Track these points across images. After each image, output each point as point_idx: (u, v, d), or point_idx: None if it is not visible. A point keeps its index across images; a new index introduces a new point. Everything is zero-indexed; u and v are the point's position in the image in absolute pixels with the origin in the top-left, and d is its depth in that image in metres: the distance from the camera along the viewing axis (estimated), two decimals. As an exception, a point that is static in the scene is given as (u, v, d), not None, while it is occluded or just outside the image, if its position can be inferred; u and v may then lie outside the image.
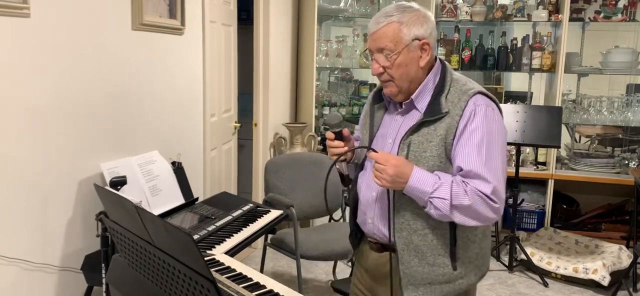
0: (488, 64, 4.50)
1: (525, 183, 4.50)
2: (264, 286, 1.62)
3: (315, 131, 4.28)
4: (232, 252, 2.13)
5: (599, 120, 4.35)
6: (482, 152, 1.52)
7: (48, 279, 2.22)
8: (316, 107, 4.34)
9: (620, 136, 4.61)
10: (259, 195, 3.99)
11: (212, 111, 3.38)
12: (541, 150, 4.49)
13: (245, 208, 2.62)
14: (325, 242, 3.04)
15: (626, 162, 4.40)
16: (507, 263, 3.96)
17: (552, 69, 4.38)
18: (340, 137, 1.70)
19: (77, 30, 2.25)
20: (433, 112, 1.58)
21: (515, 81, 5.36)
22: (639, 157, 4.45)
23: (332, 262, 3.71)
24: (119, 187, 2.26)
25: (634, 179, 3.89)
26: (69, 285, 2.31)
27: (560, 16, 4.24)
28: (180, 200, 2.59)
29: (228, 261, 1.85)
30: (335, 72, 4.90)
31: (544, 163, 4.49)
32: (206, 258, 1.86)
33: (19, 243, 2.07)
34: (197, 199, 2.69)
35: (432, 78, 1.63)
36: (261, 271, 3.20)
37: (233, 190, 3.90)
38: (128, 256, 1.45)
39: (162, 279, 1.29)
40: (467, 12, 4.53)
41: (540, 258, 3.85)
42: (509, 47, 4.50)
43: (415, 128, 1.59)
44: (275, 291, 1.59)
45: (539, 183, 4.51)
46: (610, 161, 4.38)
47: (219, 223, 2.37)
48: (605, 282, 3.53)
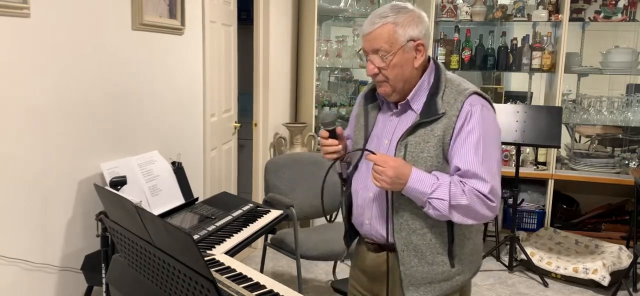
0: (488, 64, 4.50)
1: (525, 183, 4.50)
2: (264, 286, 1.62)
3: (315, 131, 4.28)
4: (232, 252, 2.13)
5: (599, 120, 4.35)
6: (479, 152, 1.54)
7: (48, 279, 2.22)
8: (316, 107, 4.34)
9: (620, 136, 4.61)
10: (259, 195, 3.99)
11: (212, 111, 3.38)
12: (541, 150, 4.49)
13: (245, 208, 2.62)
14: (325, 242, 3.04)
15: (626, 162, 4.40)
16: (507, 263, 3.96)
17: (552, 69, 4.38)
18: (334, 135, 1.70)
19: (77, 30, 2.25)
20: (430, 112, 1.58)
21: (515, 81, 5.35)
22: (639, 157, 4.45)
23: (332, 262, 3.71)
24: (119, 187, 2.26)
25: (634, 179, 3.89)
26: (69, 285, 2.31)
27: (560, 16, 4.24)
28: (180, 200, 2.59)
29: (228, 261, 1.85)
30: (335, 72, 4.90)
31: (544, 163, 4.49)
32: (206, 258, 1.86)
33: (19, 243, 2.07)
34: (197, 199, 2.69)
35: (426, 79, 1.64)
36: (261, 271, 3.20)
37: (233, 190, 3.90)
38: (128, 256, 1.45)
39: (162, 279, 1.29)
40: (467, 12, 4.53)
41: (540, 258, 3.85)
42: (509, 47, 4.50)
43: (412, 129, 1.59)
44: (275, 291, 1.59)
45: (539, 183, 4.51)
46: (610, 161, 4.38)
47: (219, 223, 2.37)
48: (605, 282, 3.53)
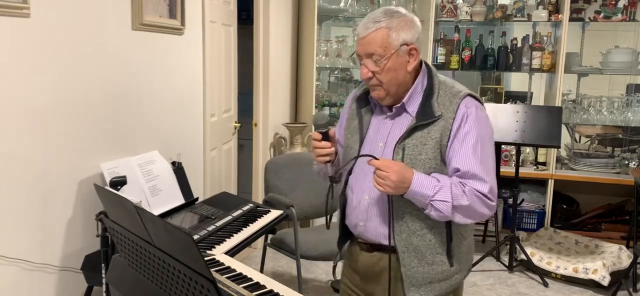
0: (488, 64, 4.50)
1: (525, 183, 4.50)
2: (264, 287, 1.62)
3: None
4: (232, 252, 2.13)
5: (599, 120, 4.35)
6: (477, 152, 1.57)
7: (48, 279, 2.22)
8: (316, 107, 4.34)
9: (620, 136, 4.61)
10: (259, 195, 3.99)
11: (212, 111, 3.38)
12: (541, 150, 4.49)
13: (245, 208, 2.62)
14: (325, 242, 3.04)
15: (626, 162, 4.40)
16: (507, 263, 3.96)
17: (552, 68, 4.38)
18: (326, 137, 1.69)
19: (77, 30, 2.25)
20: (426, 115, 1.60)
21: (515, 81, 5.36)
22: (639, 157, 4.45)
23: (332, 262, 3.71)
24: (119, 187, 2.26)
25: (634, 179, 3.89)
26: (69, 285, 2.30)
27: (560, 16, 4.24)
28: (180, 200, 2.59)
29: (228, 261, 1.85)
30: (335, 72, 4.90)
31: (544, 163, 4.49)
32: (206, 258, 1.86)
33: (19, 243, 2.07)
34: (197, 199, 2.69)
35: (420, 82, 1.66)
36: (261, 271, 3.20)
37: (233, 190, 3.90)
38: (128, 256, 1.45)
39: (162, 279, 1.29)
40: (467, 12, 4.53)
41: (540, 258, 3.85)
42: (509, 47, 4.50)
43: (409, 132, 1.61)
44: (275, 291, 1.59)
45: (539, 183, 4.51)
46: (610, 161, 4.38)
47: (219, 223, 2.37)
48: (605, 282, 3.53)
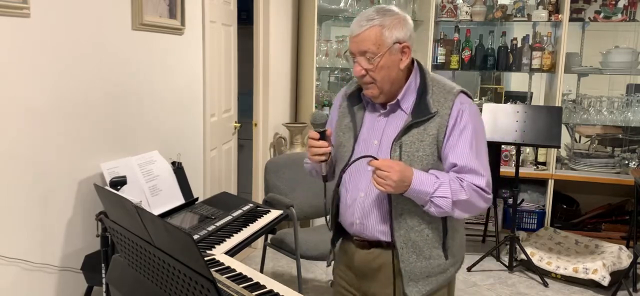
0: (488, 64, 4.50)
1: (525, 183, 4.50)
2: (264, 286, 1.62)
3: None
4: (232, 252, 2.13)
5: (599, 120, 4.35)
6: (473, 147, 1.60)
7: (48, 279, 2.22)
8: (316, 107, 4.34)
9: (620, 136, 4.61)
10: (259, 195, 3.98)
11: (212, 111, 3.38)
12: (541, 150, 4.49)
13: (245, 208, 2.62)
14: (325, 242, 3.01)
15: (626, 162, 4.40)
16: (507, 263, 3.96)
17: (552, 69, 4.38)
18: (323, 137, 1.70)
19: (77, 30, 2.25)
20: (422, 112, 1.62)
21: (515, 81, 5.36)
22: (639, 157, 4.45)
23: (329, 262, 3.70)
24: (119, 187, 2.26)
25: (634, 179, 3.89)
26: (69, 285, 2.30)
27: (560, 16, 4.24)
28: (180, 200, 2.59)
29: (228, 261, 1.85)
30: (335, 72, 4.90)
31: (544, 163, 4.49)
32: (206, 258, 1.86)
33: (19, 243, 2.07)
34: (197, 199, 2.69)
35: (413, 80, 1.68)
36: (261, 271, 3.20)
37: (233, 190, 3.90)
38: (128, 256, 1.45)
39: (162, 279, 1.29)
40: (467, 12, 4.53)
41: (540, 258, 3.85)
42: (509, 47, 4.50)
43: (406, 129, 1.62)
44: (275, 291, 1.59)
45: (539, 183, 4.51)
46: (610, 161, 4.38)
47: (219, 223, 2.37)
48: (605, 282, 3.53)
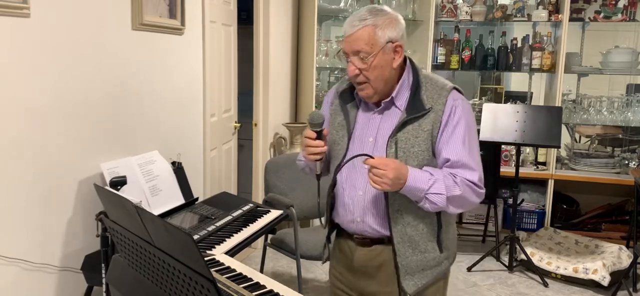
0: (488, 64, 4.50)
1: (525, 183, 4.51)
2: (264, 286, 1.62)
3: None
4: (232, 252, 2.13)
5: (599, 120, 4.35)
6: (466, 143, 1.63)
7: (48, 279, 2.22)
8: (316, 107, 4.34)
9: (620, 136, 4.61)
10: (259, 195, 3.98)
11: (212, 111, 3.38)
12: (541, 150, 4.49)
13: (245, 208, 2.62)
14: (325, 242, 3.04)
15: (626, 162, 4.40)
16: (507, 263, 3.96)
17: (552, 69, 4.38)
18: (320, 136, 1.71)
19: (77, 30, 2.25)
20: (416, 108, 1.64)
21: (515, 81, 5.36)
22: (639, 157, 4.45)
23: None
24: (119, 187, 2.26)
25: (634, 179, 3.89)
26: (69, 285, 2.30)
27: (560, 16, 4.24)
28: (180, 200, 2.59)
29: (228, 261, 1.85)
30: (335, 72, 4.90)
31: (544, 163, 4.49)
32: (206, 258, 1.86)
33: (19, 243, 2.07)
34: (197, 199, 2.68)
35: (406, 77, 1.70)
36: (261, 271, 3.20)
37: (233, 190, 3.90)
38: (128, 256, 1.45)
39: (162, 279, 1.29)
40: (467, 12, 4.53)
41: (540, 258, 3.85)
42: (509, 47, 4.50)
43: (401, 126, 1.63)
44: (275, 291, 1.59)
45: (539, 183, 4.51)
46: (610, 161, 4.38)
47: (219, 223, 2.36)
48: (605, 282, 3.53)
